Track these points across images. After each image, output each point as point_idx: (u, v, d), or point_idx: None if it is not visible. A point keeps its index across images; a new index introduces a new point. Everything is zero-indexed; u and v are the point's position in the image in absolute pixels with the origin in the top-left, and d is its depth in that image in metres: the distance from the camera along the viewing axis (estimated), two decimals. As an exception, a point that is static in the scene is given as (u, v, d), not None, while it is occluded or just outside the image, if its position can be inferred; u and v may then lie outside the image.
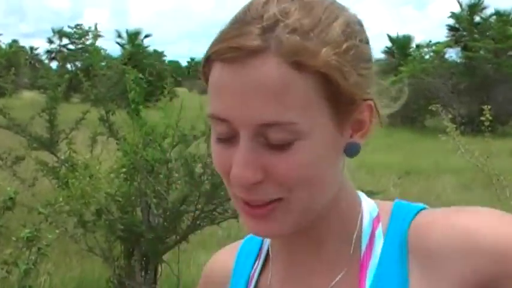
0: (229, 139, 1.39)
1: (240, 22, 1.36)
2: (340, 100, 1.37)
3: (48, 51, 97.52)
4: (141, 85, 9.33)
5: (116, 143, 9.35)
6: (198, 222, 8.92)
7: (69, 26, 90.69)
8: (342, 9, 1.44)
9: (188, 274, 10.28)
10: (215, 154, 1.45)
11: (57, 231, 7.97)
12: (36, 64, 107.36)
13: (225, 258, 1.81)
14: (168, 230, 8.96)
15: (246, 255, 1.75)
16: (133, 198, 8.79)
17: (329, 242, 1.55)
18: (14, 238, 7.37)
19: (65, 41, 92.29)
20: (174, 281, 9.52)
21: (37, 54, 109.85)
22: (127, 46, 74.09)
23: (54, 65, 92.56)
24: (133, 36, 76.91)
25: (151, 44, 79.61)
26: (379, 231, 1.53)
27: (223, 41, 1.35)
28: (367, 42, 1.47)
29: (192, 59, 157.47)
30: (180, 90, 68.28)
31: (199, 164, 8.73)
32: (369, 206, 1.58)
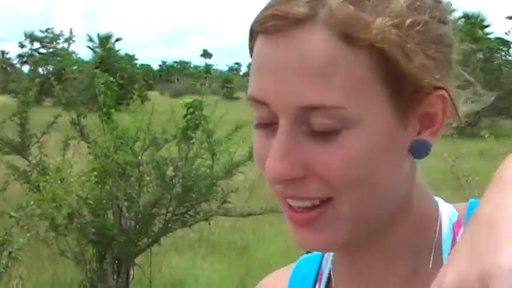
0: (270, 125, 1.16)
1: None
2: (401, 85, 1.12)
3: (20, 55, 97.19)
4: (112, 89, 9.33)
5: (88, 146, 9.34)
6: (169, 225, 8.94)
7: (40, 30, 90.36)
8: None
9: (160, 277, 10.28)
10: (254, 143, 1.22)
11: (28, 234, 7.94)
12: (8, 68, 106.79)
13: (277, 282, 1.49)
14: (140, 233, 8.95)
15: (301, 280, 1.45)
16: (104, 201, 8.78)
17: (404, 255, 1.27)
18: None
19: (36, 45, 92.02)
20: (146, 283, 9.53)
21: (8, 58, 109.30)
22: (98, 50, 73.99)
23: (25, 68, 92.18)
24: (104, 40, 76.80)
25: (122, 48, 79.58)
26: None
27: (267, 8, 1.14)
28: (445, 23, 1.19)
29: (164, 63, 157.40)
30: (152, 94, 68.21)
31: (171, 167, 8.74)
32: (447, 211, 1.32)
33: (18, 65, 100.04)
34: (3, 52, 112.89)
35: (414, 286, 1.26)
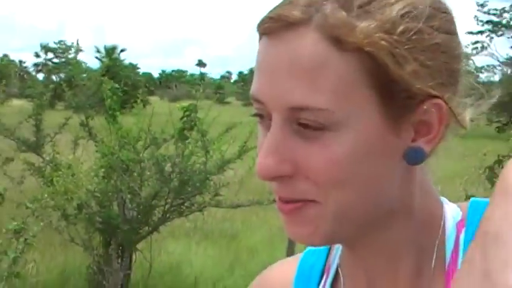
0: (267, 123, 1.11)
1: None
2: (392, 90, 1.04)
3: (35, 64, 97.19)
4: (117, 94, 9.34)
5: (95, 145, 9.34)
6: (167, 215, 8.92)
7: (54, 42, 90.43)
8: None
9: (159, 261, 10.25)
10: (258, 139, 1.15)
11: (42, 223, 7.90)
12: (25, 75, 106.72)
13: (285, 270, 1.41)
14: (141, 222, 8.94)
15: (309, 269, 1.36)
16: (110, 194, 8.77)
17: (408, 254, 1.19)
18: (3, 230, 7.30)
19: (50, 55, 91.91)
20: (146, 266, 9.53)
21: (25, 67, 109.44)
22: (105, 60, 73.85)
23: (40, 76, 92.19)
24: (110, 50, 76.61)
25: (126, 58, 79.61)
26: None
27: (269, 11, 1.09)
28: (447, 32, 1.10)
29: (163, 71, 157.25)
30: (152, 99, 68.06)
31: (169, 163, 8.72)
32: (452, 210, 1.23)
33: (33, 73, 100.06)
34: (20, 61, 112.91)
35: (418, 284, 1.19)
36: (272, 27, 1.06)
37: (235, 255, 11.88)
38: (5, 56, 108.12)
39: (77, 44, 11.21)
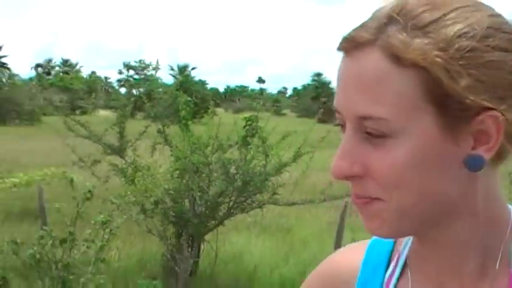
0: (344, 131, 1.12)
1: (369, 17, 1.11)
2: (447, 103, 1.03)
3: (119, 80, 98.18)
4: (189, 106, 9.42)
5: (170, 150, 9.39)
6: (231, 210, 8.97)
7: (134, 61, 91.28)
8: (478, 10, 1.09)
9: (224, 250, 10.28)
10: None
11: (125, 216, 7.99)
12: (109, 90, 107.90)
13: (352, 254, 1.37)
14: (209, 216, 8.99)
15: (377, 256, 1.33)
16: (182, 192, 8.81)
17: (472, 254, 1.15)
18: (92, 222, 7.40)
19: (131, 72, 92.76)
20: (212, 255, 9.57)
21: (110, 82, 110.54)
22: (178, 76, 74.47)
23: (122, 90, 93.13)
24: (182, 68, 77.31)
25: (196, 75, 79.98)
26: None
27: (346, 33, 1.10)
28: (506, 50, 1.06)
29: (228, 87, 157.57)
30: (218, 110, 68.20)
31: (233, 166, 8.77)
32: None
33: (117, 87, 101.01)
34: (106, 78, 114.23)
35: (481, 282, 1.15)
36: (346, 47, 1.08)
37: (289, 246, 11.86)
38: (93, 73, 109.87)
39: (157, 63, 11.29)
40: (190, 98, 9.87)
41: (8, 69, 72.23)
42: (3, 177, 7.99)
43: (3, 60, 70.97)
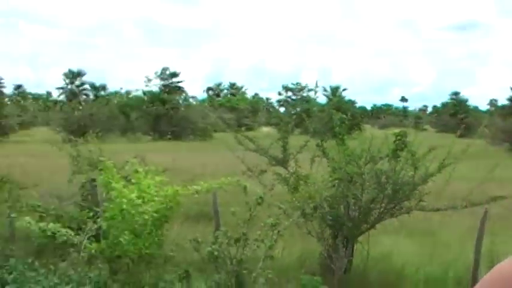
0: None
1: None
2: None
3: (278, 100, 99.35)
4: (344, 122, 9.40)
5: (327, 161, 9.39)
6: (382, 215, 8.87)
7: (291, 83, 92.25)
8: None
9: (374, 251, 10.12)
10: None
11: (291, 219, 8.07)
12: (270, 109, 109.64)
13: None
14: (362, 220, 8.94)
15: None
16: (338, 198, 8.81)
17: None
18: (261, 224, 7.52)
19: (289, 93, 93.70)
20: (364, 254, 9.45)
21: (271, 103, 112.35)
22: (331, 97, 74.59)
23: (281, 109, 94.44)
24: (334, 89, 77.21)
25: (347, 95, 79.83)
26: None
27: None
28: None
29: (374, 105, 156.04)
30: (366, 126, 67.74)
31: (384, 176, 8.66)
32: None
33: (276, 107, 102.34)
34: (267, 98, 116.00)
35: None
36: None
37: (433, 248, 11.53)
38: (256, 94, 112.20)
39: (315, 85, 11.34)
40: (343, 115, 9.85)
41: (184, 92, 74.78)
42: (186, 185, 8.22)
43: (180, 84, 73.49)
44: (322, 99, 77.28)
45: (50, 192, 12.46)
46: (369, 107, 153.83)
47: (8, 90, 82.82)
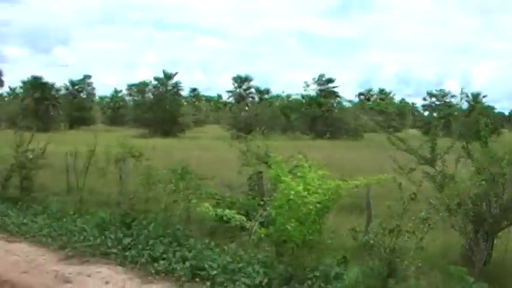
0: None
1: None
2: None
3: (423, 105, 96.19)
4: (488, 126, 9.15)
5: (472, 162, 9.11)
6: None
7: (435, 90, 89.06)
8: None
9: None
10: None
11: (440, 214, 8.00)
12: (415, 113, 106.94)
13: None
14: (502, 217, 8.59)
15: None
16: (481, 196, 8.52)
17: None
18: (413, 217, 7.55)
19: (433, 99, 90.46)
20: (502, 248, 9.03)
21: (416, 107, 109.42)
22: (472, 102, 71.49)
23: (425, 113, 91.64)
24: (475, 96, 73.85)
25: (486, 101, 75.99)
26: None
27: None
28: None
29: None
30: (503, 131, 64.04)
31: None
32: None
33: (421, 111, 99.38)
34: (413, 103, 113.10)
35: None
36: None
37: None
38: (403, 99, 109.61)
39: (461, 92, 11.05)
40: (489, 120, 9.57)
41: (339, 96, 75.23)
42: (345, 179, 8.35)
43: (335, 90, 74.16)
44: (463, 104, 74.25)
45: (221, 182, 12.97)
46: (506, 113, 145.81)
47: (185, 92, 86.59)
